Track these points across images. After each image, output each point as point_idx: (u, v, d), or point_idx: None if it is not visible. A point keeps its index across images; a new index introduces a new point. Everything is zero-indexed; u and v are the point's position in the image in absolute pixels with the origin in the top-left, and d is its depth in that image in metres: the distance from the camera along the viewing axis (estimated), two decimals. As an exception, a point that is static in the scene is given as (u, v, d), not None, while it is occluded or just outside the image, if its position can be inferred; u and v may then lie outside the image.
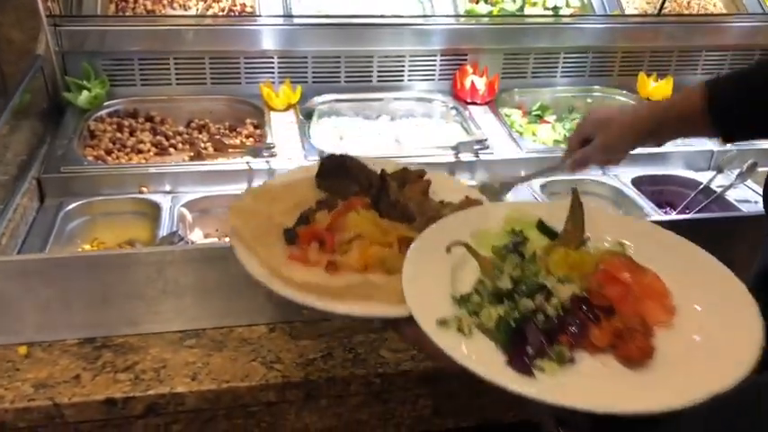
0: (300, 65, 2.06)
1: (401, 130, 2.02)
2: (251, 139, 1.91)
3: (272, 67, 2.04)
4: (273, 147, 1.73)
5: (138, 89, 1.98)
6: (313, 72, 2.07)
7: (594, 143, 1.30)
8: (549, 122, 2.10)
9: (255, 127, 1.95)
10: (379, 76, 2.12)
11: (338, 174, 1.15)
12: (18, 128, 1.64)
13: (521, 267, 0.89)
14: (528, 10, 2.24)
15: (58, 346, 1.15)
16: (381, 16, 2.12)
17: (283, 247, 0.99)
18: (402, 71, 2.13)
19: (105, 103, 1.91)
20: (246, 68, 2.03)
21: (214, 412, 1.14)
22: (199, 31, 1.97)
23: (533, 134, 2.02)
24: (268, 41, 2.02)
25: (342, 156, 1.16)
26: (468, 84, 2.06)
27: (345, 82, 2.10)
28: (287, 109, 1.98)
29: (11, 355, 1.13)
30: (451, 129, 2.02)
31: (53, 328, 1.16)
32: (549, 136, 2.01)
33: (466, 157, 1.78)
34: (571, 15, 2.25)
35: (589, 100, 2.21)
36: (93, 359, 1.15)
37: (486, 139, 1.80)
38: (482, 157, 1.78)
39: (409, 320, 0.83)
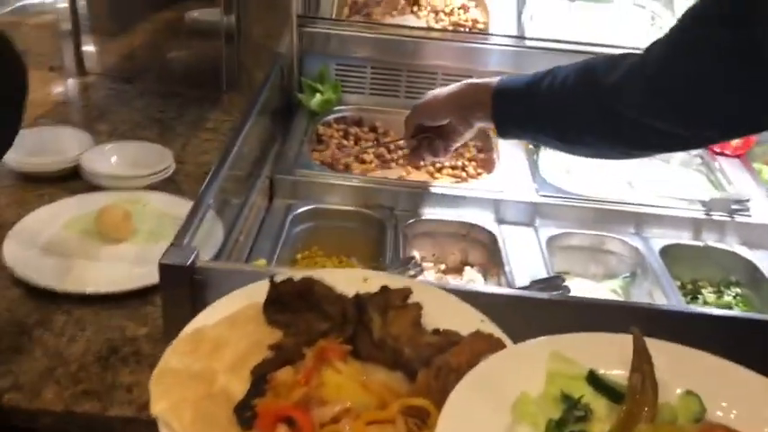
0: (531, 90, 1.94)
1: (634, 171, 1.84)
2: (473, 163, 1.81)
3: (502, 90, 1.94)
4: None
5: (365, 98, 1.95)
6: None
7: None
8: (808, 186, 1.85)
9: (479, 150, 1.85)
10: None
11: (298, 304, 0.86)
12: (256, 125, 1.64)
13: None
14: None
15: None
16: (611, 46, 1.95)
17: None
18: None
19: (334, 108, 1.89)
20: (475, 88, 1.94)
21: None
22: (429, 44, 1.92)
23: (789, 198, 1.78)
24: (500, 61, 1.92)
25: (305, 279, 0.88)
26: (717, 131, 1.85)
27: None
28: (514, 135, 1.87)
29: None
30: (694, 179, 1.82)
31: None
32: (810, 202, 1.76)
33: (717, 216, 1.59)
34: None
35: None
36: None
37: (748, 200, 1.59)
38: (737, 218, 1.59)
39: None
